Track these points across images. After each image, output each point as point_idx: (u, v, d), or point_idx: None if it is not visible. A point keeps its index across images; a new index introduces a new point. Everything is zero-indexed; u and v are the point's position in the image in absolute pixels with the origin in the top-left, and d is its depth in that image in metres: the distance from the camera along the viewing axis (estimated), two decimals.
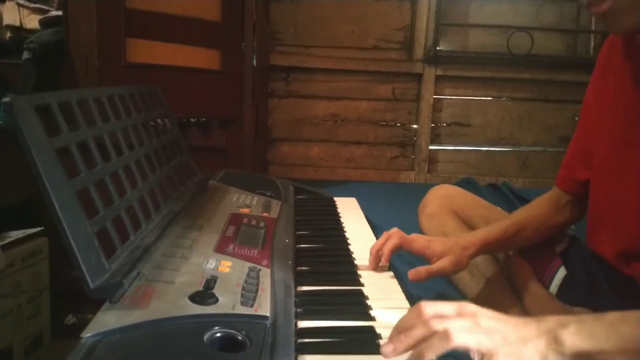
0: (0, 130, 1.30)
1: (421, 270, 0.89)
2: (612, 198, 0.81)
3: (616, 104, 0.81)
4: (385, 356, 0.55)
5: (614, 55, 0.83)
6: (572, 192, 0.95)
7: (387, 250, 0.89)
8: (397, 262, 1.19)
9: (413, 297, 0.84)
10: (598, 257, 0.86)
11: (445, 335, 0.52)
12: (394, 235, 0.91)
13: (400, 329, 0.56)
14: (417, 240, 0.94)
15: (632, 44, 0.77)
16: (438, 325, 0.53)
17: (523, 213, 1.00)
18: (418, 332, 0.54)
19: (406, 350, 0.54)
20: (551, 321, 0.55)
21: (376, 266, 0.89)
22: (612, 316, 0.56)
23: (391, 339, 0.56)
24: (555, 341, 0.53)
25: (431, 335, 0.53)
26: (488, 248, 0.96)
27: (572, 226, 1.02)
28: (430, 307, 0.55)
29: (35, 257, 1.11)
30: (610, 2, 0.66)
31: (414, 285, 1.06)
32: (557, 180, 0.98)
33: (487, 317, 0.55)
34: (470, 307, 0.56)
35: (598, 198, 0.86)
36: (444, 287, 1.12)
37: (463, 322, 0.54)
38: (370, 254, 0.89)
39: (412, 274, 0.89)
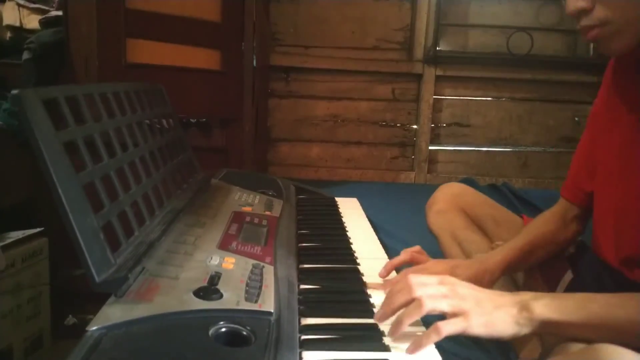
0: (0, 131, 1.30)
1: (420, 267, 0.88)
2: (617, 207, 0.82)
3: (623, 117, 0.81)
4: (377, 321, 0.63)
5: (621, 68, 0.84)
6: (578, 203, 0.95)
7: (390, 265, 0.86)
8: (395, 256, 1.19)
9: None
10: (604, 263, 0.87)
11: (418, 303, 0.60)
12: (405, 253, 0.90)
13: (389, 296, 0.64)
14: (440, 265, 0.90)
15: (635, 61, 0.78)
16: (417, 292, 0.61)
17: (533, 230, 0.98)
18: (401, 297, 0.62)
19: (393, 313, 0.62)
20: (525, 294, 0.62)
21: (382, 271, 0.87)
22: (582, 295, 0.63)
23: (382, 305, 0.64)
24: (526, 309, 0.60)
25: (411, 301, 0.61)
26: (509, 270, 0.95)
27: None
28: (414, 277, 0.64)
29: (35, 257, 1.11)
30: (597, 30, 0.68)
31: None
32: (562, 190, 0.97)
33: (465, 287, 0.63)
34: (451, 278, 0.64)
35: (603, 207, 0.87)
36: None
37: (440, 289, 0.61)
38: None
39: (415, 269, 0.87)
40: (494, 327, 0.60)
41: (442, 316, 0.62)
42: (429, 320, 0.62)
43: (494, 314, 0.60)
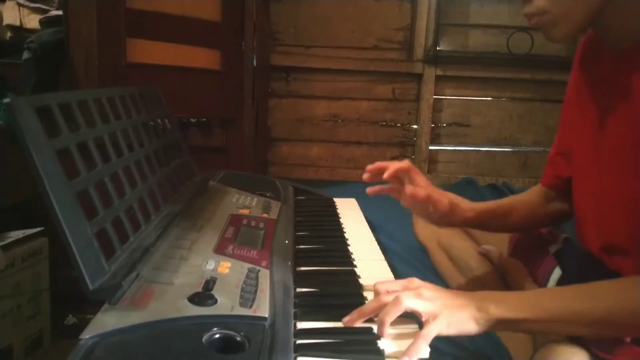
0: (0, 130, 1.30)
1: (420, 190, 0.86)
2: (594, 192, 0.83)
3: (593, 101, 0.82)
4: (345, 324, 0.65)
5: (589, 53, 0.86)
6: (556, 189, 0.98)
7: (393, 168, 0.86)
8: (399, 266, 1.20)
9: None
10: (590, 257, 0.87)
11: (396, 301, 0.63)
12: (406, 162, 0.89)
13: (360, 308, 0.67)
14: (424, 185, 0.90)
15: (601, 45, 0.80)
16: (387, 298, 0.65)
17: (515, 197, 1.06)
18: (370, 305, 0.66)
19: (362, 319, 0.65)
20: (485, 294, 0.67)
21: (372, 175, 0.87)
22: (540, 291, 0.72)
23: (351, 313, 0.66)
24: (483, 310, 0.64)
25: (382, 306, 0.64)
26: (482, 218, 0.97)
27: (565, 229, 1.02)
28: (382, 285, 0.68)
29: (35, 257, 1.11)
30: (536, 18, 0.73)
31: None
32: (542, 178, 1.01)
33: (429, 289, 0.66)
34: (416, 282, 0.68)
35: (581, 194, 0.88)
36: None
37: (409, 293, 0.65)
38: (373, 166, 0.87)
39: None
40: (460, 326, 0.64)
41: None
42: None
43: (459, 314, 0.64)
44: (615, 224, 0.78)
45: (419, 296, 0.64)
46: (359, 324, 0.65)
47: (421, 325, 0.64)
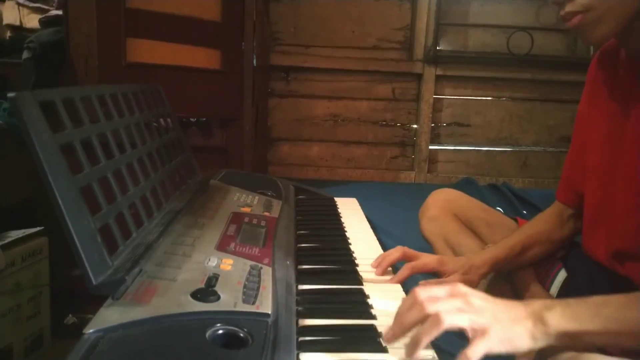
0: (0, 130, 1.30)
1: (432, 282, 0.91)
2: (605, 202, 0.83)
3: (606, 115, 0.82)
4: (387, 342, 0.58)
5: (603, 67, 0.86)
6: (573, 205, 0.96)
7: (385, 262, 0.89)
8: (400, 265, 1.19)
9: None
10: (597, 261, 0.87)
11: (436, 319, 0.55)
12: (405, 268, 0.90)
13: (398, 315, 0.60)
14: (430, 258, 0.94)
15: (617, 57, 0.80)
16: (431, 308, 0.56)
17: (528, 229, 1.00)
18: (413, 316, 0.57)
19: (404, 333, 0.57)
20: (537, 304, 0.59)
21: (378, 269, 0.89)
22: (596, 299, 0.59)
23: (392, 325, 0.59)
24: (541, 322, 0.57)
25: (425, 318, 0.56)
26: (498, 266, 0.97)
27: None
28: (423, 291, 0.59)
29: (35, 256, 1.11)
30: (579, 17, 0.70)
31: (415, 286, 1.06)
32: (557, 194, 0.99)
33: (478, 297, 0.58)
34: (462, 288, 0.59)
35: (592, 203, 0.88)
36: None
37: (455, 303, 0.57)
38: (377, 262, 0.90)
39: (422, 283, 0.88)
40: (513, 343, 0.56)
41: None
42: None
43: (513, 329, 0.56)
44: (628, 230, 0.78)
45: (467, 305, 0.57)
46: (402, 338, 0.58)
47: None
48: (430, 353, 0.58)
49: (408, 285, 1.07)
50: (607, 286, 0.84)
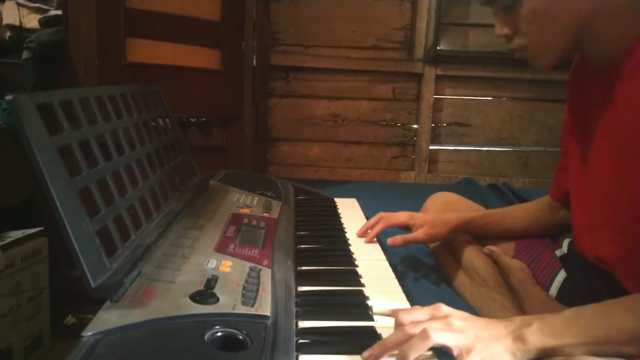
0: (0, 130, 1.30)
1: (397, 237, 1.05)
2: (587, 207, 0.85)
3: (583, 119, 0.86)
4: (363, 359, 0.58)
5: (579, 76, 0.93)
6: (562, 201, 1.02)
7: (373, 233, 1.03)
8: (400, 266, 1.19)
9: (414, 299, 0.84)
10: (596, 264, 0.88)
11: (424, 334, 0.56)
12: (381, 221, 1.05)
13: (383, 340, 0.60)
14: (401, 214, 1.09)
15: (588, 69, 0.85)
16: (414, 330, 0.57)
17: (517, 206, 1.12)
18: (395, 338, 0.58)
19: (382, 354, 0.57)
20: (516, 321, 0.61)
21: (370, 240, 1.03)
22: (571, 312, 0.61)
23: (373, 346, 0.58)
24: (520, 340, 0.58)
25: (407, 339, 0.57)
26: (470, 227, 1.08)
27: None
28: (405, 315, 0.61)
29: (34, 257, 1.11)
30: (519, 53, 0.82)
31: (415, 288, 1.06)
32: (550, 191, 1.05)
33: (459, 318, 0.60)
34: (444, 308, 0.61)
35: (575, 208, 0.91)
36: (447, 292, 1.12)
37: (438, 324, 0.58)
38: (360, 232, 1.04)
39: (390, 241, 1.05)
40: None
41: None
42: None
43: (494, 348, 0.58)
44: (606, 238, 0.79)
45: (449, 327, 0.58)
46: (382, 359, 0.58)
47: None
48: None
49: (408, 285, 1.08)
50: (606, 289, 0.84)
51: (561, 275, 0.96)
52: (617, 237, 0.76)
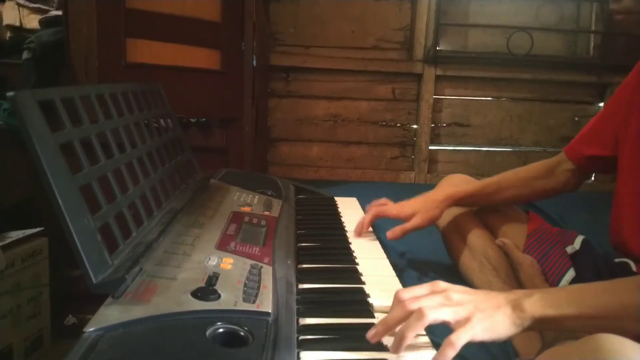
0: (0, 130, 1.30)
1: (397, 229, 1.05)
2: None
3: None
4: (370, 339, 0.60)
5: None
6: (574, 161, 1.03)
7: (365, 222, 1.03)
8: (400, 264, 1.19)
9: None
10: (610, 263, 0.87)
11: (419, 314, 0.57)
12: (370, 210, 1.07)
13: (384, 318, 0.62)
14: (391, 205, 1.09)
15: None
16: (413, 305, 0.58)
17: (510, 173, 1.10)
18: (396, 314, 0.59)
19: (387, 332, 0.59)
20: (518, 293, 0.61)
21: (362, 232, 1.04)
22: (576, 286, 0.62)
23: (376, 324, 0.60)
24: (519, 308, 0.59)
25: (408, 315, 0.58)
26: (464, 202, 1.08)
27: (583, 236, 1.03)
28: (405, 292, 0.62)
29: (35, 257, 1.11)
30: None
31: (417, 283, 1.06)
32: (566, 147, 1.06)
33: (458, 291, 0.61)
34: (442, 284, 0.62)
35: (627, 190, 0.90)
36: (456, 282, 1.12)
37: (436, 299, 0.59)
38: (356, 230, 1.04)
39: (389, 234, 1.05)
40: (496, 329, 0.58)
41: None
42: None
43: (494, 317, 0.58)
44: None
45: (447, 300, 0.59)
46: (385, 336, 0.60)
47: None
48: (425, 339, 0.60)
49: (409, 282, 1.07)
50: None
51: (570, 274, 0.96)
52: None
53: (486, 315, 0.58)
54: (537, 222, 1.08)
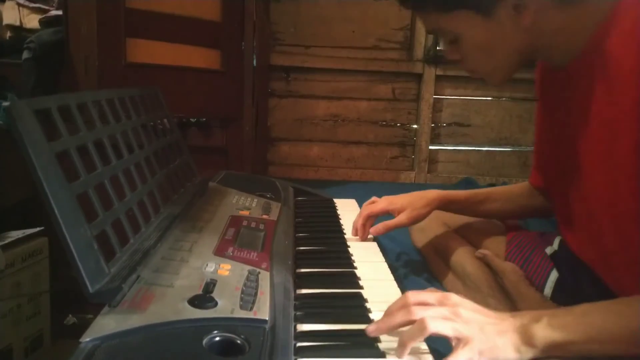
0: (0, 131, 1.30)
1: (379, 226, 1.03)
2: (562, 209, 0.87)
3: (556, 119, 0.88)
4: (369, 334, 0.60)
5: (545, 77, 0.93)
6: (539, 190, 1.04)
7: (359, 227, 1.03)
8: (399, 268, 1.19)
9: None
10: (583, 262, 0.87)
11: (421, 324, 0.56)
12: (361, 213, 1.05)
13: (387, 313, 0.62)
14: (380, 200, 1.08)
15: (557, 74, 0.84)
16: (418, 313, 0.58)
17: (500, 187, 1.14)
18: (400, 317, 0.59)
19: (387, 331, 0.60)
20: (526, 317, 0.59)
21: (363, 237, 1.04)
22: (581, 308, 0.60)
23: (379, 320, 0.61)
24: (528, 336, 0.57)
25: (411, 322, 0.58)
26: (453, 205, 1.08)
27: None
28: (414, 296, 0.61)
29: (35, 257, 1.11)
30: (471, 74, 0.82)
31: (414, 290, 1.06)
32: (529, 177, 1.09)
33: (467, 308, 0.59)
34: (454, 298, 0.61)
35: (555, 206, 0.93)
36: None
37: (442, 311, 0.58)
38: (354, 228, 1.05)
39: (372, 230, 1.04)
40: (496, 355, 0.56)
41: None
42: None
43: (496, 341, 0.57)
44: (586, 238, 0.80)
45: (454, 316, 0.58)
46: (385, 334, 0.60)
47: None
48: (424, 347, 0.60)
49: (407, 287, 1.07)
50: (593, 288, 0.83)
51: (554, 275, 0.96)
52: (614, 233, 0.74)
53: (488, 338, 0.57)
54: (514, 228, 1.10)
